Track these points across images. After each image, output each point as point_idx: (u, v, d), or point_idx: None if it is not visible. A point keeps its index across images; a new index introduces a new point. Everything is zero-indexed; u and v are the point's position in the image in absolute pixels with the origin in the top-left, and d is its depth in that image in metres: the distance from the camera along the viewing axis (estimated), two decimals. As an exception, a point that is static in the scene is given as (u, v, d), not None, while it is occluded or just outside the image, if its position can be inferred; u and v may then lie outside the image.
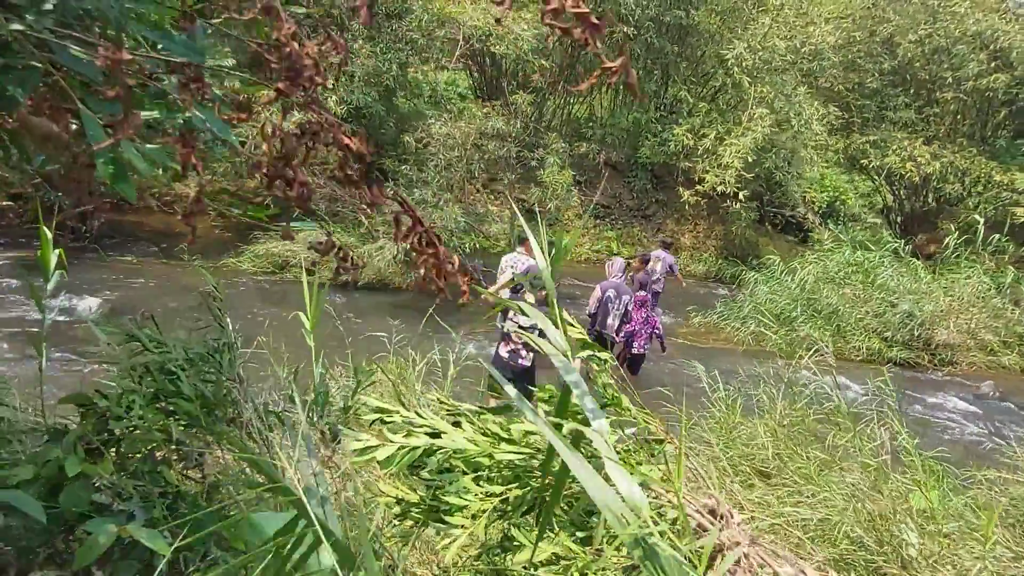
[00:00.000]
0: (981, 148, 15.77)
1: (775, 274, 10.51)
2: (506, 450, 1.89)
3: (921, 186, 17.75)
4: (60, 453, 1.89)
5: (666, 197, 15.74)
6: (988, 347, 10.00)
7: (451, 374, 4.02)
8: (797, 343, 9.39)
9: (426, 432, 1.94)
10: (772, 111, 12.92)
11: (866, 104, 15.93)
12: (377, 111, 10.70)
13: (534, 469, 1.94)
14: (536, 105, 13.40)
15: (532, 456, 1.94)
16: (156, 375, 2.22)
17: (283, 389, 3.15)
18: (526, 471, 1.94)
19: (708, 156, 13.30)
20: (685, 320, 10.38)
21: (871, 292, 10.05)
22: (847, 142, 15.71)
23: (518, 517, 1.90)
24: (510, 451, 1.90)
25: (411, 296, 9.44)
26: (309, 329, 3.07)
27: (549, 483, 1.89)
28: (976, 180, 15.31)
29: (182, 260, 9.02)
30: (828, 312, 9.64)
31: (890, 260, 10.83)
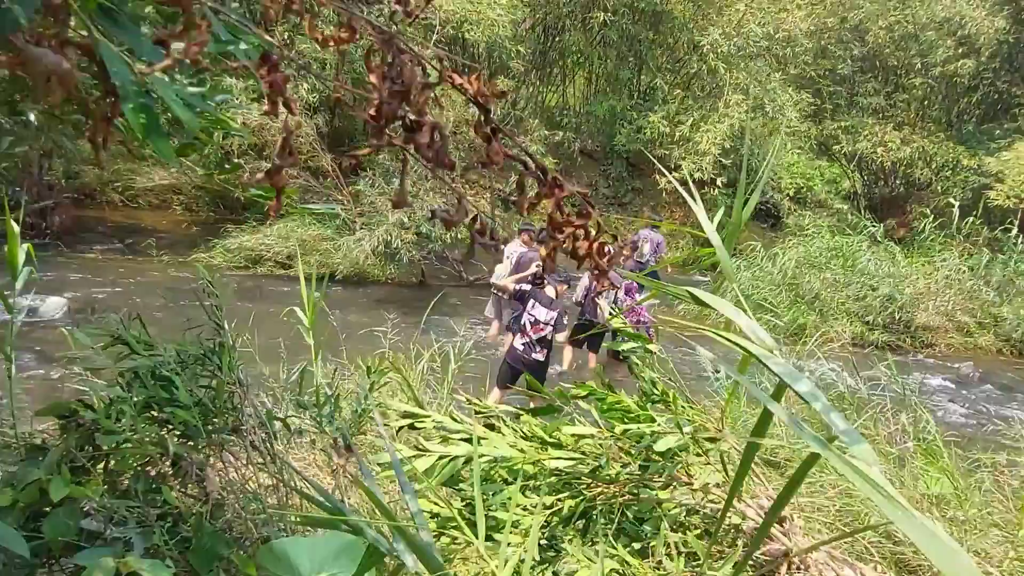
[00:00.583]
0: (948, 133, 16.06)
1: (756, 260, 10.50)
2: (555, 456, 1.71)
3: (890, 171, 18.02)
4: (42, 474, 1.64)
5: (642, 185, 15.67)
6: (964, 328, 10.14)
7: (452, 369, 3.81)
8: (781, 329, 9.40)
9: (463, 438, 1.74)
10: (747, 97, 12.91)
11: (837, 90, 16.07)
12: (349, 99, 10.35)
13: (583, 475, 1.75)
14: (510, 92, 13.17)
15: (580, 462, 1.75)
16: (147, 381, 1.98)
17: (282, 390, 2.91)
18: (575, 478, 1.75)
19: (684, 143, 13.26)
20: (669, 308, 10.31)
21: (851, 276, 10.09)
22: (819, 128, 15.82)
23: (567, 528, 1.71)
24: (559, 457, 1.71)
25: (389, 289, 9.18)
26: (308, 325, 2.84)
27: (604, 491, 1.72)
28: (944, 165, 15.57)
29: (149, 256, 8.62)
30: (810, 297, 9.66)
31: (868, 245, 10.90)
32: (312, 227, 9.10)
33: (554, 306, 5.55)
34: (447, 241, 9.16)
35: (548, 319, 5.49)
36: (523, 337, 5.54)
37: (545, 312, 5.50)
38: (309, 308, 2.83)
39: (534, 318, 5.51)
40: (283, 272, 8.87)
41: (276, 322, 7.30)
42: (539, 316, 5.49)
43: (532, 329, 5.51)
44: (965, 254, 11.09)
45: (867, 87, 16.22)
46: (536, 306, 5.51)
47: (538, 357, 5.51)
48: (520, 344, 5.56)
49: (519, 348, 5.55)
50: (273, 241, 8.87)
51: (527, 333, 5.52)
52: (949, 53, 14.67)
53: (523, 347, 5.53)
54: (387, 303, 8.56)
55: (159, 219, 10.88)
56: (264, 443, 2.11)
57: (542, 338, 5.51)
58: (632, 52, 14.60)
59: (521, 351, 5.53)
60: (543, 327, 5.51)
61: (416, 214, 8.21)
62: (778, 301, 9.60)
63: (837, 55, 15.60)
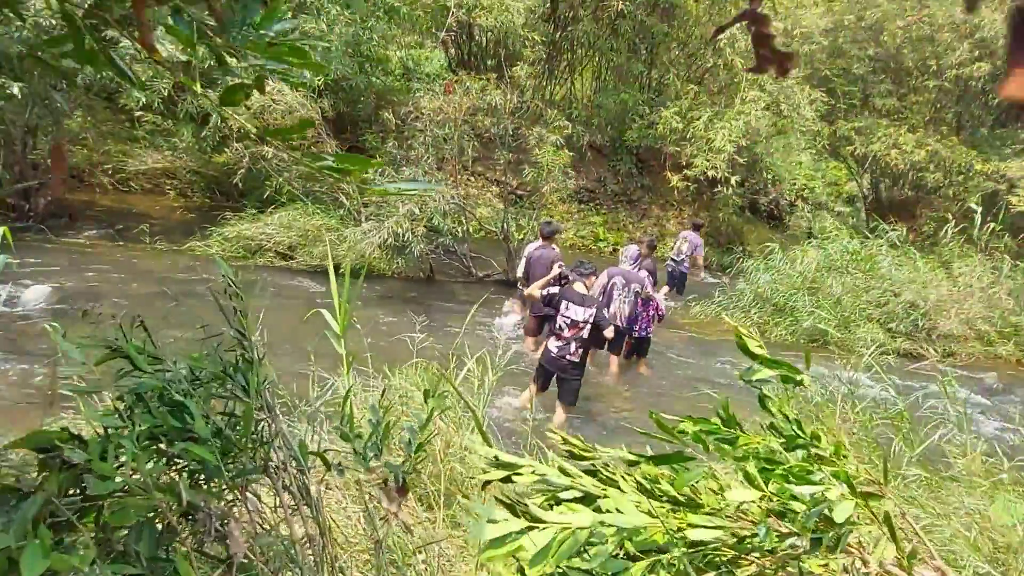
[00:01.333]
0: (960, 137, 15.77)
1: (774, 262, 10.13)
2: (700, 524, 1.29)
3: (900, 175, 17.73)
4: (11, 540, 1.21)
5: (651, 182, 15.28)
6: (985, 337, 9.83)
7: (491, 381, 3.38)
8: (802, 334, 9.05)
9: (576, 496, 1.33)
10: (765, 94, 12.53)
11: (851, 90, 15.73)
12: (357, 83, 9.89)
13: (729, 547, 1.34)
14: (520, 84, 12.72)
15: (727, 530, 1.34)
16: (153, 406, 1.55)
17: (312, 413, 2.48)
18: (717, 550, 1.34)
19: (698, 140, 12.87)
20: (685, 310, 9.93)
21: (872, 281, 9.75)
22: (832, 128, 15.47)
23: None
24: (704, 525, 1.30)
25: (399, 284, 8.74)
26: (339, 332, 2.41)
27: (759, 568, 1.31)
28: (957, 169, 15.28)
29: (142, 243, 8.12)
30: (832, 302, 9.30)
31: (887, 249, 10.56)
32: (316, 216, 8.63)
33: (587, 302, 5.20)
34: (457, 235, 8.72)
35: (586, 317, 5.15)
36: (558, 340, 5.24)
37: (582, 311, 5.15)
38: (341, 314, 2.39)
39: (570, 319, 5.16)
40: (284, 263, 8.41)
41: (277, 318, 6.84)
42: (575, 316, 5.15)
43: (569, 331, 5.18)
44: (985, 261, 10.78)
45: (881, 88, 15.91)
46: (570, 306, 5.17)
47: (572, 359, 5.22)
48: (555, 346, 5.26)
49: (553, 351, 5.26)
50: (274, 230, 8.41)
51: (563, 336, 5.21)
52: (965, 56, 14.37)
53: (557, 349, 5.24)
54: (395, 298, 8.13)
55: (152, 204, 10.38)
56: (298, 484, 1.68)
57: (579, 338, 5.19)
58: (645, 45, 14.19)
59: (555, 353, 5.24)
60: (581, 327, 5.16)
61: (428, 205, 7.77)
62: (799, 305, 9.23)
63: (852, 54, 15.26)
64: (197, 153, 10.37)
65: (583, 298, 5.19)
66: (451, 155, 8.74)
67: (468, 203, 9.32)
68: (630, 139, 14.10)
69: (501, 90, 8.36)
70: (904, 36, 14.75)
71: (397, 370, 3.54)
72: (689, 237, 10.22)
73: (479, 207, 10.13)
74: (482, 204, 12.82)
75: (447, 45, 13.87)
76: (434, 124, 8.45)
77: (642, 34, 13.77)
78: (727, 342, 8.84)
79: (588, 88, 16.20)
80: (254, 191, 9.54)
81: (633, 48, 14.06)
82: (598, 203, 14.62)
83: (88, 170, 10.67)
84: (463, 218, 9.02)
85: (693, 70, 14.50)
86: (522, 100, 10.73)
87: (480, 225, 10.75)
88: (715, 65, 13.38)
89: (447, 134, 8.36)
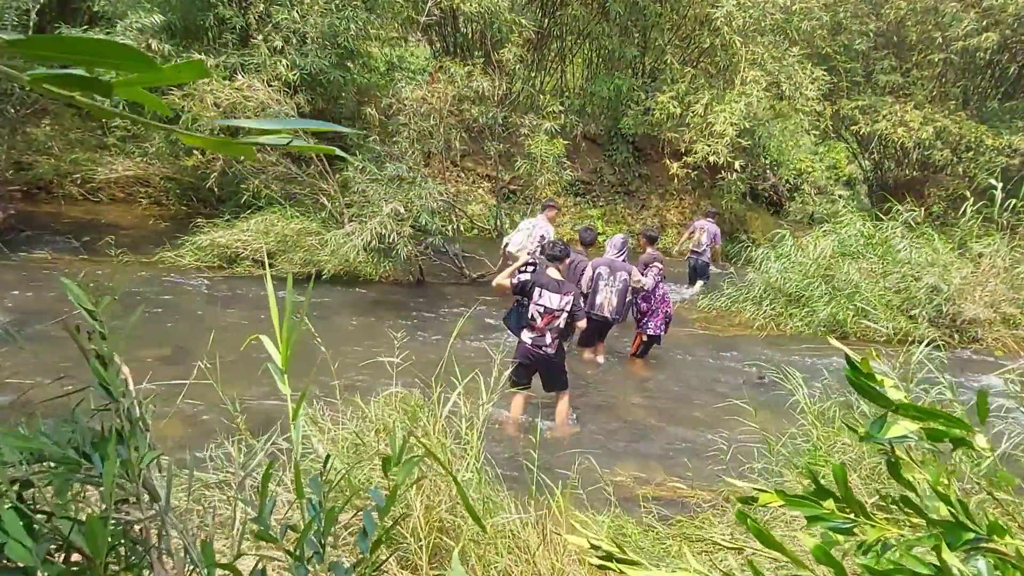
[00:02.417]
0: (969, 112, 15.22)
1: (785, 250, 9.56)
2: None
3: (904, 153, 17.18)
4: None
5: (649, 171, 14.71)
6: (1011, 320, 9.28)
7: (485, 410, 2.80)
8: (820, 325, 8.50)
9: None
10: (766, 73, 11.96)
11: (853, 67, 15.17)
12: (335, 77, 9.29)
13: None
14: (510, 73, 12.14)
15: None
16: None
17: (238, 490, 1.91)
18: None
19: (697, 124, 12.30)
20: (692, 304, 9.37)
21: (889, 266, 9.19)
22: (835, 107, 14.90)
23: None
24: None
25: (386, 290, 8.16)
26: (281, 367, 1.79)
27: None
28: (966, 145, 14.74)
29: (108, 256, 7.54)
30: (849, 290, 8.75)
31: (902, 231, 9.98)
32: (295, 220, 8.05)
33: (564, 289, 4.73)
34: (448, 234, 8.15)
35: (562, 305, 4.70)
36: (532, 330, 4.81)
37: (558, 298, 4.71)
38: (283, 342, 1.80)
39: (543, 307, 4.72)
40: (263, 272, 7.83)
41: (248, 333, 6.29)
42: (549, 304, 4.72)
43: (543, 320, 4.74)
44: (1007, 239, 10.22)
45: (884, 64, 15.35)
46: (543, 294, 4.72)
47: (548, 350, 4.79)
48: (528, 338, 4.81)
49: (527, 342, 4.81)
50: (251, 237, 7.82)
51: (537, 326, 4.77)
52: (972, 26, 13.81)
53: (531, 340, 4.80)
54: (383, 305, 7.56)
55: (123, 214, 9.78)
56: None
57: (554, 328, 4.76)
58: (637, 28, 13.60)
59: (530, 345, 4.80)
60: (556, 315, 4.72)
61: (414, 204, 7.19)
62: (815, 294, 8.67)
63: (853, 30, 14.69)
64: (169, 158, 9.77)
65: (559, 284, 4.73)
66: (438, 149, 8.16)
67: (458, 200, 8.75)
68: (626, 127, 13.52)
69: (489, 76, 7.77)
70: (907, 8, 14.19)
71: (375, 397, 2.98)
72: (706, 227, 10.15)
73: (470, 204, 9.56)
74: (473, 200, 12.26)
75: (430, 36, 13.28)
76: (418, 116, 7.87)
77: (634, 16, 13.18)
78: (740, 338, 8.29)
79: (580, 77, 15.61)
80: (233, 196, 8.96)
81: (625, 32, 13.46)
82: (595, 195, 14.04)
83: (55, 180, 10.07)
84: (453, 216, 8.45)
85: (689, 52, 13.92)
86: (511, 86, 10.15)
87: (472, 223, 10.19)
88: (712, 46, 12.79)
89: (432, 127, 7.78)
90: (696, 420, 5.49)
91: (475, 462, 2.62)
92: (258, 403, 4.65)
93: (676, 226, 14.29)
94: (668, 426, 5.32)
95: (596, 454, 4.70)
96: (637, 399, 5.94)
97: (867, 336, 8.57)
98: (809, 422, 3.87)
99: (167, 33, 9.19)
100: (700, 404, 5.90)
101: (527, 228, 7.00)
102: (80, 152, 10.30)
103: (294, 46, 9.08)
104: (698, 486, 4.25)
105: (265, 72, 8.53)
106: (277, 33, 9.05)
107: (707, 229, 10.13)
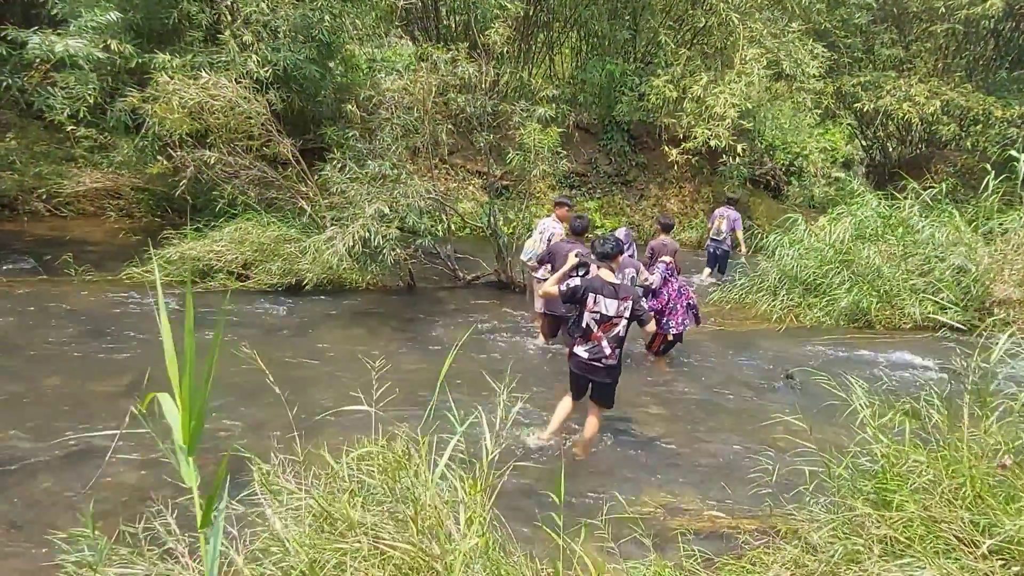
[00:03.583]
0: (975, 84, 14.66)
1: (798, 235, 8.96)
2: None
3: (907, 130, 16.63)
4: None
5: (647, 159, 14.11)
6: (1041, 300, 8.71)
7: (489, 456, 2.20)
8: (841, 315, 7.92)
9: None
10: (765, 51, 11.36)
11: (853, 42, 14.59)
12: (310, 72, 8.65)
13: None
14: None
15: None
16: None
17: None
18: None
19: (695, 108, 11.70)
20: (703, 297, 8.78)
21: (910, 248, 8.61)
22: (836, 84, 14.32)
23: None
24: None
25: (373, 297, 7.55)
26: (184, 443, 1.22)
27: None
28: (973, 118, 14.19)
29: (68, 275, 6.91)
30: (870, 275, 8.17)
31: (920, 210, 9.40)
32: (272, 227, 7.43)
33: (622, 292, 4.10)
34: (438, 234, 7.55)
35: (620, 311, 4.09)
36: (588, 341, 4.17)
37: (615, 304, 4.08)
38: (183, 406, 1.25)
39: (599, 314, 4.09)
40: (240, 285, 7.22)
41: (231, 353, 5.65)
42: (606, 311, 4.08)
43: (601, 328, 4.11)
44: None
45: (884, 38, 14.78)
46: (598, 299, 4.08)
47: (610, 362, 4.17)
48: (583, 351, 4.19)
49: (583, 355, 4.19)
50: (224, 247, 7.20)
51: (595, 335, 4.13)
52: (975, -7, 13.26)
53: (587, 354, 4.18)
54: (371, 316, 6.94)
55: (92, 229, 9.14)
56: None
57: (613, 336, 4.14)
58: (628, 9, 12.98)
59: (587, 359, 4.18)
60: (615, 322, 4.10)
61: (400, 203, 6.57)
62: (835, 282, 8.10)
63: (852, 3, 14.11)
64: (136, 166, 9.13)
65: (615, 288, 4.08)
66: (424, 144, 7.54)
67: (447, 198, 8.14)
68: (620, 114, 12.92)
69: (475, 62, 7.14)
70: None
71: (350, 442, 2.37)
72: (726, 214, 9.97)
73: (460, 201, 8.95)
74: (463, 198, 11.64)
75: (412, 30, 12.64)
76: (401, 109, 7.25)
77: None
78: (758, 333, 7.70)
79: (569, 65, 14.99)
80: (210, 205, 8.33)
81: (615, 14, 12.85)
82: (591, 187, 13.44)
83: (20, 197, 9.43)
84: (443, 215, 7.84)
85: (683, 32, 13.31)
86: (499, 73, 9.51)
87: (464, 221, 9.56)
88: (708, 24, 12.19)
89: (416, 120, 7.15)
90: (725, 431, 4.90)
91: (480, 525, 2.03)
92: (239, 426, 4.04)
93: (677, 215, 13.70)
94: (695, 440, 4.73)
95: (620, 479, 4.11)
96: (655, 408, 5.34)
97: (892, 324, 8.01)
98: (870, 435, 3.28)
99: (129, 33, 8.54)
100: (726, 411, 5.31)
101: (539, 230, 6.54)
102: (44, 165, 9.66)
103: (265, 41, 8.45)
104: (739, 514, 3.66)
105: (235, 70, 7.89)
106: (247, 28, 8.42)
107: (727, 216, 9.92)
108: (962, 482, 3.02)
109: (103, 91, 8.09)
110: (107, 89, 8.25)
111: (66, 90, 7.84)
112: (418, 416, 2.79)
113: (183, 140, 7.57)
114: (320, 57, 9.11)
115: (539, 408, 4.83)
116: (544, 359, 6.28)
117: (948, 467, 3.11)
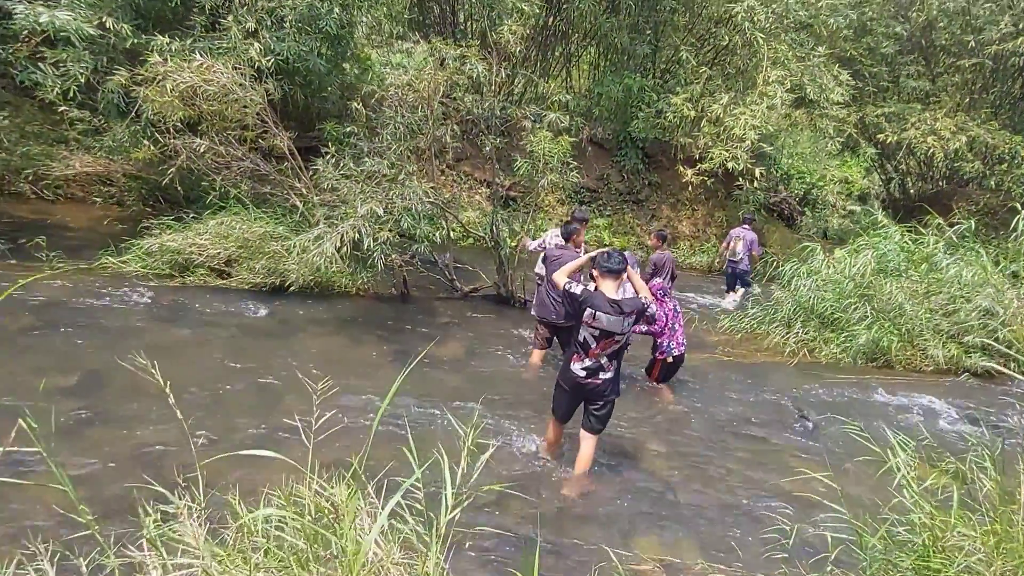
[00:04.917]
0: (1001, 121, 14.21)
1: (816, 266, 8.49)
2: None
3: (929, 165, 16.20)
4: None
5: (660, 179, 13.68)
6: (1069, 348, 8.20)
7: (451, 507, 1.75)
8: (859, 353, 7.43)
9: None
10: (789, 73, 10.96)
11: (879, 71, 14.19)
12: (315, 65, 8.28)
13: None
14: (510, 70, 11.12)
15: None
16: None
17: None
18: None
19: (714, 128, 11.29)
20: (712, 325, 8.31)
21: (934, 286, 8.14)
22: (860, 114, 13.89)
23: None
24: None
25: (362, 304, 7.10)
26: None
27: None
28: (998, 156, 13.74)
29: (39, 260, 6.50)
30: (893, 312, 7.69)
31: (944, 247, 8.92)
32: (259, 223, 7.01)
33: (626, 308, 3.68)
34: (436, 241, 7.12)
35: (623, 329, 3.72)
36: (584, 359, 3.81)
37: (619, 321, 3.68)
38: None
39: (598, 330, 3.71)
40: (221, 283, 6.79)
41: (193, 356, 5.21)
42: (608, 327, 3.70)
43: (599, 346, 3.75)
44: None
45: (911, 69, 14.37)
46: (598, 316, 3.68)
47: (606, 376, 3.83)
48: (579, 368, 3.82)
49: (578, 374, 3.83)
50: (207, 241, 6.78)
51: (592, 352, 3.77)
52: (1008, 29, 12.85)
53: (584, 372, 3.82)
54: (356, 323, 6.49)
55: (77, 214, 8.75)
56: None
57: (611, 354, 3.81)
58: (649, 24, 12.62)
59: (582, 377, 3.83)
60: (614, 340, 3.74)
61: (395, 204, 6.14)
62: (854, 317, 7.62)
63: (879, 32, 13.72)
64: (127, 152, 8.76)
65: (618, 305, 3.66)
66: (428, 145, 7.13)
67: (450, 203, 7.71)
68: (636, 131, 12.52)
69: (486, 61, 6.74)
70: (938, 9, 13.23)
71: (278, 480, 1.91)
72: (742, 235, 9.85)
73: (464, 209, 8.52)
74: (467, 206, 11.22)
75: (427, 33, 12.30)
76: (404, 107, 6.85)
77: (645, 12, 12.22)
78: (769, 366, 7.20)
79: (586, 79, 14.63)
80: (201, 197, 7.94)
81: (636, 28, 12.49)
82: (601, 204, 13.02)
83: (6, 177, 9.05)
84: (443, 221, 7.41)
85: (705, 51, 12.93)
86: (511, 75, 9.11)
87: (466, 231, 9.12)
88: (731, 44, 11.81)
89: (420, 119, 6.74)
90: (733, 475, 4.41)
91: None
92: (173, 448, 3.59)
93: (688, 238, 13.26)
94: (700, 485, 4.24)
95: (612, 528, 3.63)
96: (655, 444, 4.86)
97: (913, 365, 7.52)
98: (910, 501, 2.80)
99: (129, 12, 8.19)
100: (735, 452, 4.82)
101: (548, 234, 6.30)
102: (35, 146, 9.29)
103: (270, 29, 8.09)
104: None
105: (235, 57, 7.52)
106: (251, 14, 8.05)
107: (743, 237, 9.77)
108: (1018, 564, 2.56)
109: (96, 71, 7.74)
110: (101, 69, 7.90)
111: (58, 67, 7.48)
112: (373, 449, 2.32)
113: (175, 126, 7.19)
114: (328, 51, 8.76)
115: (528, 431, 4.37)
116: (536, 380, 5.80)
117: (999, 543, 2.64)
